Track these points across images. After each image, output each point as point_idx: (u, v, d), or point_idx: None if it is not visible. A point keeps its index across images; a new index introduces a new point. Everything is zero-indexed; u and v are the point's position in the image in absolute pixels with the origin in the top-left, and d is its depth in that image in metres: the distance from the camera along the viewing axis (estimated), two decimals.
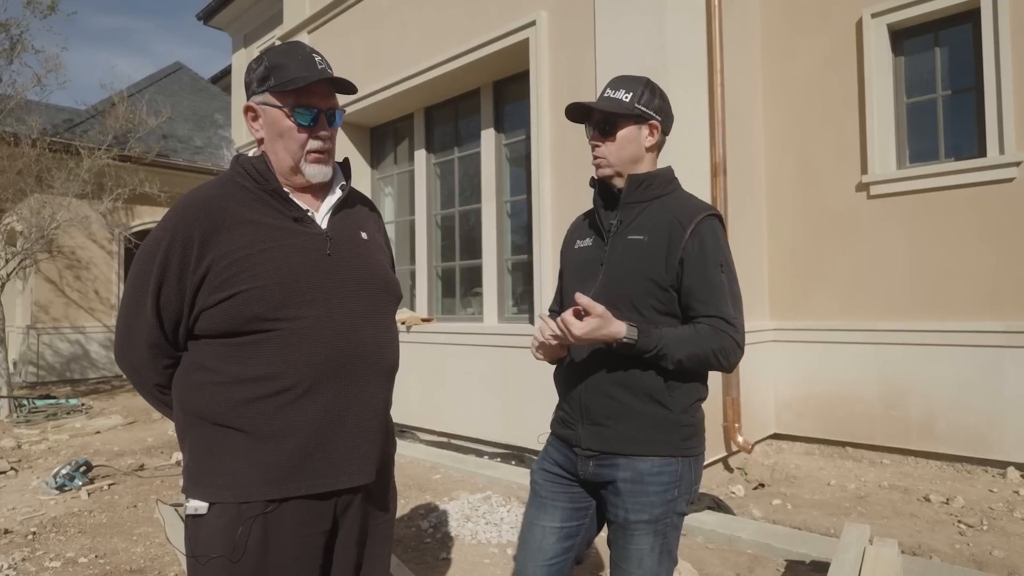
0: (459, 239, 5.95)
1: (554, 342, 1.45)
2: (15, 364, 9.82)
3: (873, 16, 4.41)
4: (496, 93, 5.51)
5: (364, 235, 1.42)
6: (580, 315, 1.38)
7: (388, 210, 6.74)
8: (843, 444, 4.58)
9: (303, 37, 6.83)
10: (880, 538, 2.65)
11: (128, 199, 9.27)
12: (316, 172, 1.35)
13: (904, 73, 4.51)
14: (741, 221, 4.54)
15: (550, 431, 1.64)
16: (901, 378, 4.27)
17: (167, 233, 1.25)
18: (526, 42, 4.70)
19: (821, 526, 3.31)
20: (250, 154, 1.37)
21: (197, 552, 1.23)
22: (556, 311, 1.72)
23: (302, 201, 1.36)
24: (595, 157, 1.55)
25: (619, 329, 1.35)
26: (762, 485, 4.08)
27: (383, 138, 6.74)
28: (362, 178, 6.76)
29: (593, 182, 1.59)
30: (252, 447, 1.22)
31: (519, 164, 5.36)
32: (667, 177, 1.56)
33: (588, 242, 1.59)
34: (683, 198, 1.55)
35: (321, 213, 1.37)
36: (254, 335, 1.23)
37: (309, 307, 1.26)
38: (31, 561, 3.05)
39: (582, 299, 1.33)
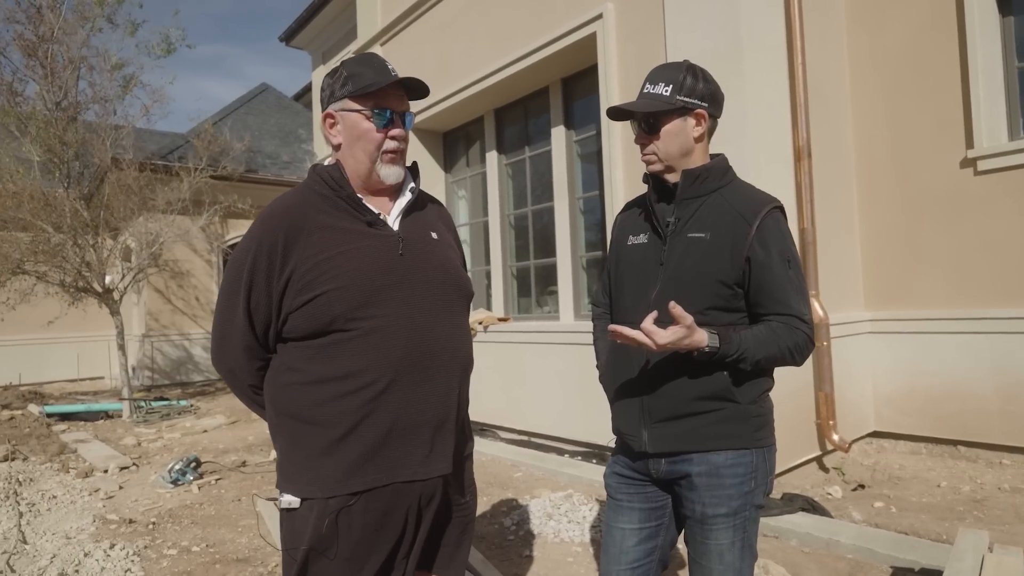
0: (533, 238, 5.97)
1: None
2: (133, 369, 10.77)
3: None
4: (565, 90, 5.48)
5: (434, 235, 1.47)
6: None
7: (462, 212, 6.86)
8: (954, 443, 4.22)
9: (376, 49, 7.07)
10: (1001, 545, 2.43)
11: (223, 215, 9.97)
12: (390, 173, 1.41)
13: (1014, 35, 4.10)
14: (829, 206, 4.29)
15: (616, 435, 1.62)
16: (1020, 370, 3.88)
17: (254, 242, 1.34)
18: (593, 36, 4.64)
19: (931, 531, 3.07)
20: (325, 163, 1.44)
21: (289, 545, 1.30)
22: (605, 303, 1.69)
23: (374, 205, 1.42)
24: (644, 154, 1.51)
25: (702, 338, 1.32)
26: (862, 486, 3.83)
27: (455, 142, 6.87)
28: (436, 182, 6.92)
29: (646, 177, 1.55)
30: (336, 442, 1.29)
31: (590, 160, 5.31)
32: (722, 168, 1.49)
33: (643, 238, 1.53)
34: (742, 189, 1.48)
35: (392, 216, 1.43)
36: (336, 334, 1.30)
37: (385, 306, 1.32)
38: (152, 548, 3.34)
39: (676, 309, 1.29)
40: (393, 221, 1.43)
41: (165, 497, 4.27)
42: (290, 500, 1.30)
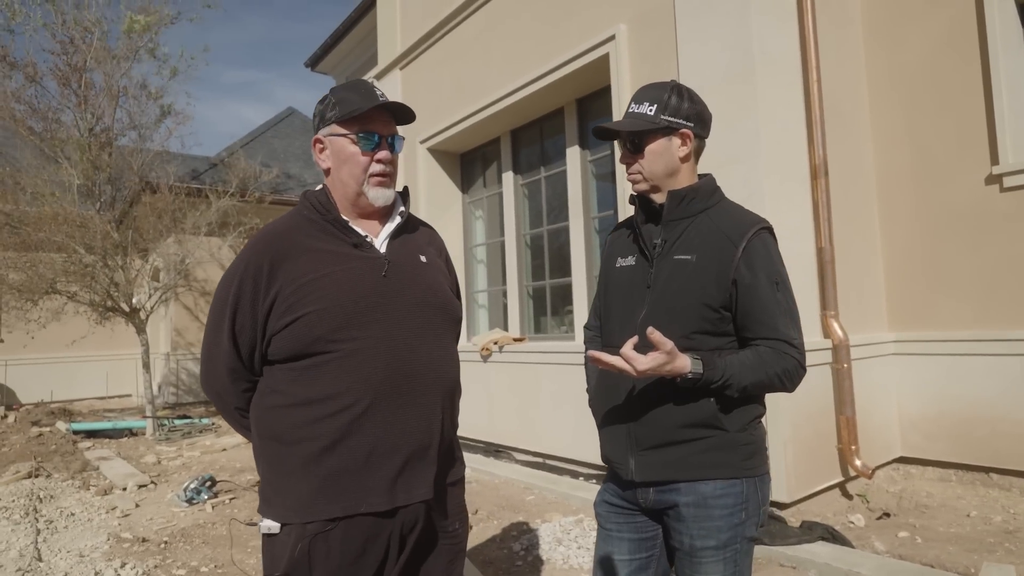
0: (548, 258, 5.95)
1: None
2: (159, 387, 10.97)
3: None
4: (580, 110, 5.50)
5: (423, 258, 1.46)
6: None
7: (479, 232, 6.89)
8: (986, 470, 4.03)
9: (395, 74, 7.20)
10: None
11: (247, 237, 10.19)
12: (379, 195, 1.41)
13: None
14: (849, 224, 4.20)
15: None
16: None
17: (241, 264, 1.36)
18: (606, 57, 4.66)
19: (959, 564, 2.92)
20: (316, 189, 1.45)
21: (268, 571, 1.29)
22: (596, 326, 1.66)
23: (363, 228, 1.42)
24: (629, 174, 1.49)
25: (684, 364, 1.28)
26: (887, 515, 3.68)
27: (472, 163, 6.92)
28: (453, 203, 6.97)
29: (633, 199, 1.53)
30: (315, 466, 1.27)
31: (605, 180, 5.30)
32: (710, 188, 1.47)
33: (631, 261, 1.50)
34: (730, 210, 1.46)
35: (380, 238, 1.42)
36: (318, 356, 1.29)
37: (367, 328, 1.31)
38: (162, 568, 3.35)
39: (655, 335, 1.26)
40: (380, 244, 1.43)
41: (179, 516, 4.30)
42: (269, 525, 1.29)
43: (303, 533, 1.25)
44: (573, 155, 5.49)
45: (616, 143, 4.52)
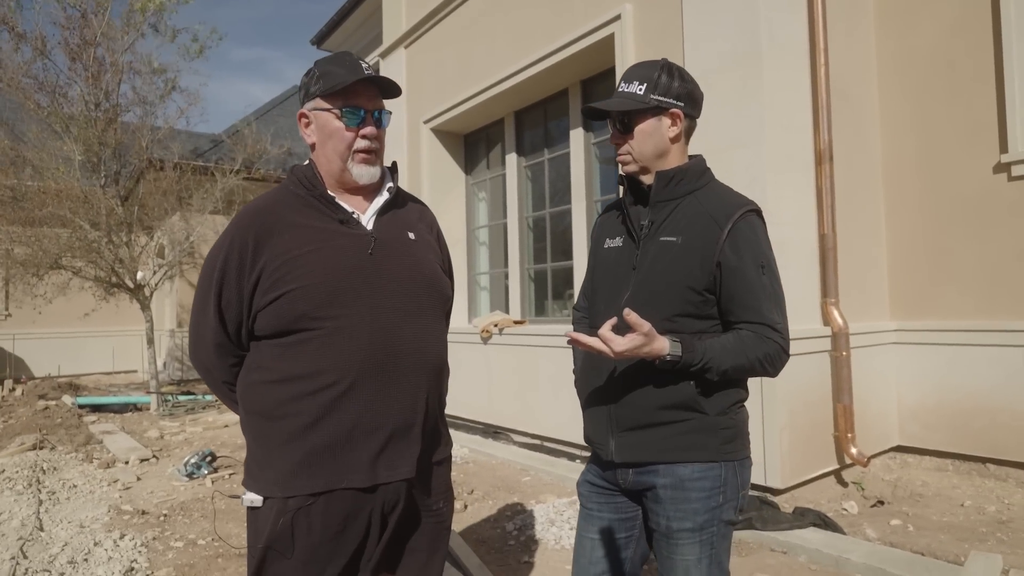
0: (550, 240, 5.93)
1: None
2: (164, 364, 11.06)
3: None
4: (584, 92, 5.44)
5: (411, 235, 1.45)
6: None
7: (482, 214, 6.86)
8: (983, 460, 4.03)
9: (400, 52, 7.12)
10: (1019, 570, 2.30)
11: None
12: (363, 173, 1.39)
13: None
14: (853, 211, 4.15)
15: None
16: None
17: (227, 239, 1.35)
18: (611, 37, 4.59)
19: (949, 552, 2.92)
20: (304, 164, 1.44)
21: (251, 543, 1.30)
22: (584, 308, 1.64)
23: (350, 204, 1.40)
24: (618, 154, 1.46)
25: (663, 346, 1.27)
26: (881, 503, 3.68)
27: (476, 144, 6.88)
28: (456, 184, 6.94)
29: (621, 179, 1.50)
30: (296, 442, 1.28)
31: (609, 163, 5.25)
32: (699, 169, 1.44)
33: (618, 242, 1.49)
34: (719, 192, 1.43)
35: (367, 215, 1.41)
36: (301, 333, 1.29)
37: (350, 306, 1.30)
38: (160, 540, 3.41)
39: (631, 316, 1.24)
40: (367, 220, 1.41)
41: (179, 490, 4.36)
42: (252, 498, 1.30)
43: (284, 507, 1.26)
44: (577, 137, 5.44)
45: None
